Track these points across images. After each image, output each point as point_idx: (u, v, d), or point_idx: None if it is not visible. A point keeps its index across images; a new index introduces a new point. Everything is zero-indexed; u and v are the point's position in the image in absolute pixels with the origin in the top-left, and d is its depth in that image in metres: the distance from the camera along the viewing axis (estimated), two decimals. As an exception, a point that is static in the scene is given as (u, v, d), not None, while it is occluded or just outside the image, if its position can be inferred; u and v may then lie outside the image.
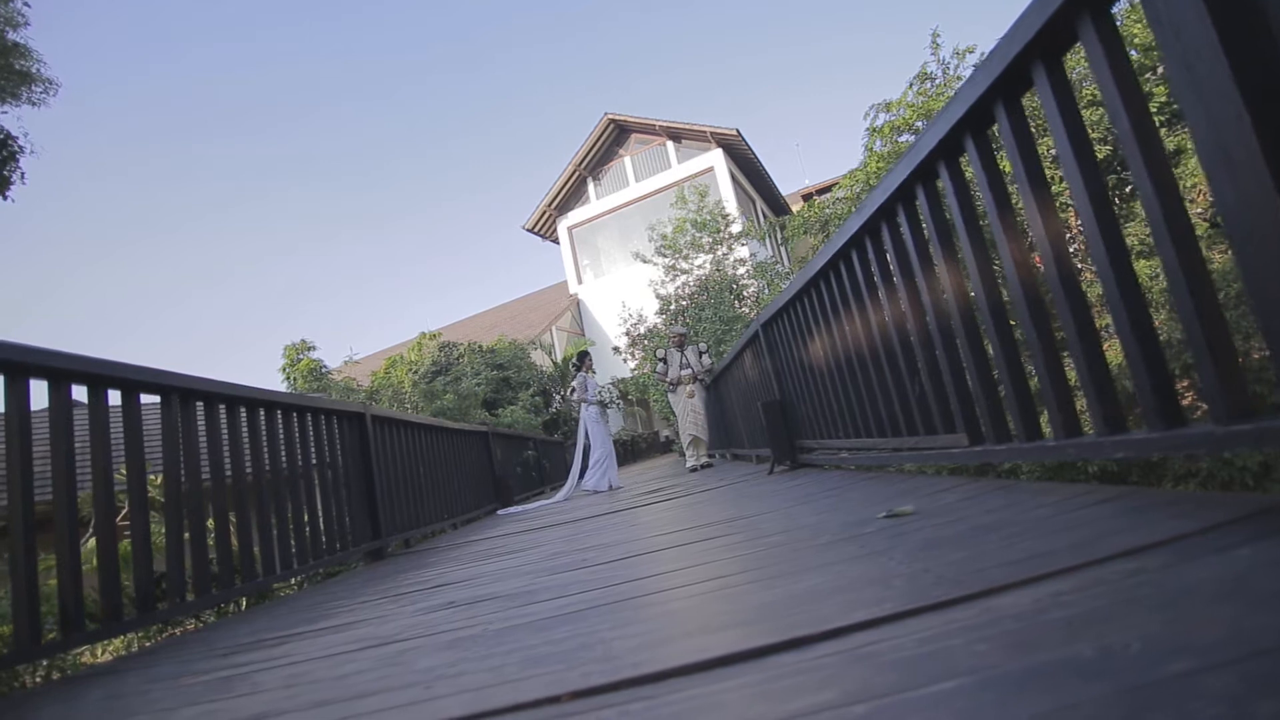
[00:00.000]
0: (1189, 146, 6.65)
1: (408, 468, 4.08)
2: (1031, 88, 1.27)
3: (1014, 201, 1.43)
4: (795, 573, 1.13)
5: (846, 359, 2.44)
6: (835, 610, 0.86)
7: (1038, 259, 1.31)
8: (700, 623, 0.99)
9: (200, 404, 2.37)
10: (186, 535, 2.17)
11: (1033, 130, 1.34)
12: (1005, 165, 1.44)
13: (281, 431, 2.81)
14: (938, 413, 1.83)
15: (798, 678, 0.68)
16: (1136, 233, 6.34)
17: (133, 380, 2.04)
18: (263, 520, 2.58)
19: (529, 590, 1.63)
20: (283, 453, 2.81)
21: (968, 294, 1.61)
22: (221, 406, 2.48)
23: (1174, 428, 1.04)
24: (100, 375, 1.93)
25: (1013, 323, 1.50)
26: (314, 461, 3.04)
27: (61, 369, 1.81)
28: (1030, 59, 1.19)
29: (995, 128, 1.42)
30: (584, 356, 6.22)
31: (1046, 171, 1.37)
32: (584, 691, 0.78)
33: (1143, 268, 6.06)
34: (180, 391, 2.24)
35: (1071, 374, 1.35)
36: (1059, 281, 1.22)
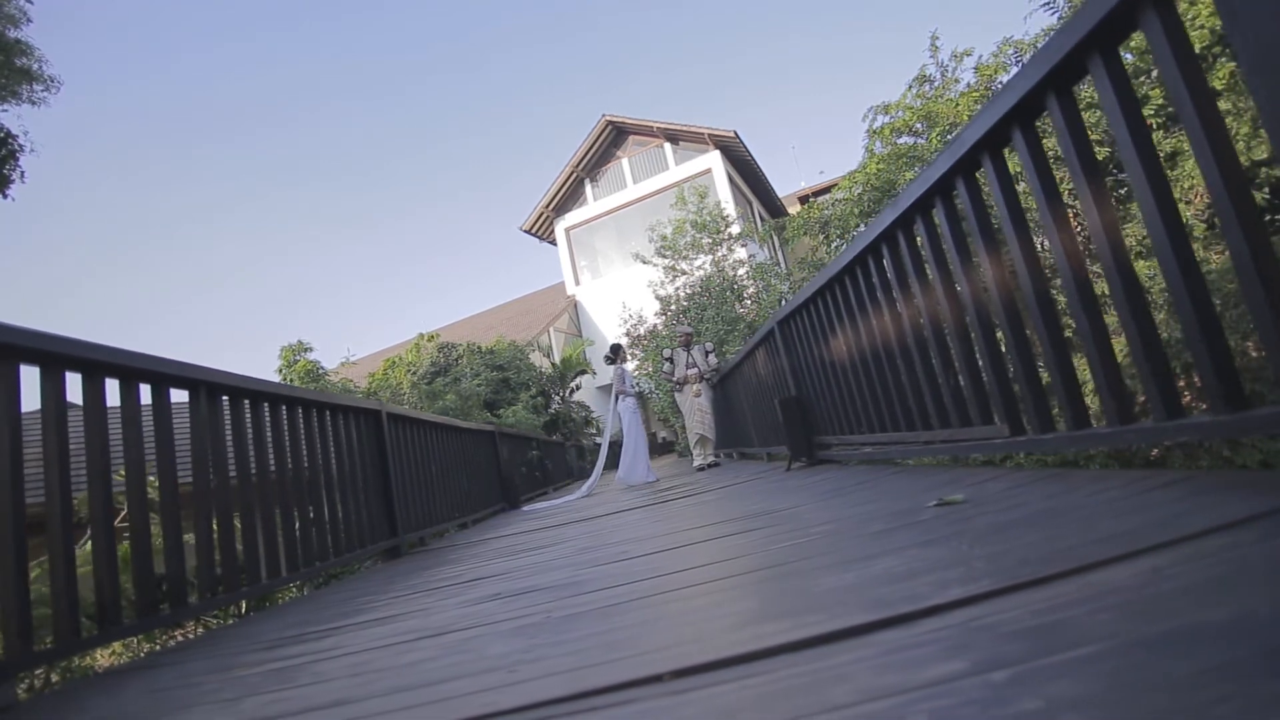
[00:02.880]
0: (1185, 149, 6.74)
1: (421, 466, 4.06)
2: (1083, 78, 1.29)
3: (1061, 192, 1.45)
4: (863, 558, 1.14)
5: (873, 354, 2.46)
6: (926, 589, 0.87)
7: (1089, 247, 1.32)
8: (781, 605, 0.99)
9: (226, 399, 2.36)
10: (214, 531, 2.15)
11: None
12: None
13: (303, 428, 2.80)
14: (974, 404, 1.84)
15: (916, 650, 0.68)
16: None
17: (164, 374, 2.02)
18: (286, 516, 2.56)
19: (575, 581, 1.63)
20: (304, 449, 2.79)
21: (1010, 285, 1.62)
22: (246, 402, 2.46)
23: (1240, 410, 1.05)
24: (132, 368, 1.91)
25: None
26: (333, 458, 3.02)
27: (96, 361, 1.80)
28: (1088, 49, 1.20)
29: (1036, 121, 1.44)
30: (618, 349, 6.15)
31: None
32: (686, 670, 0.78)
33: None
34: (208, 386, 2.22)
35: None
36: (1115, 268, 1.24)
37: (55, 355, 1.68)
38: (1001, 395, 1.70)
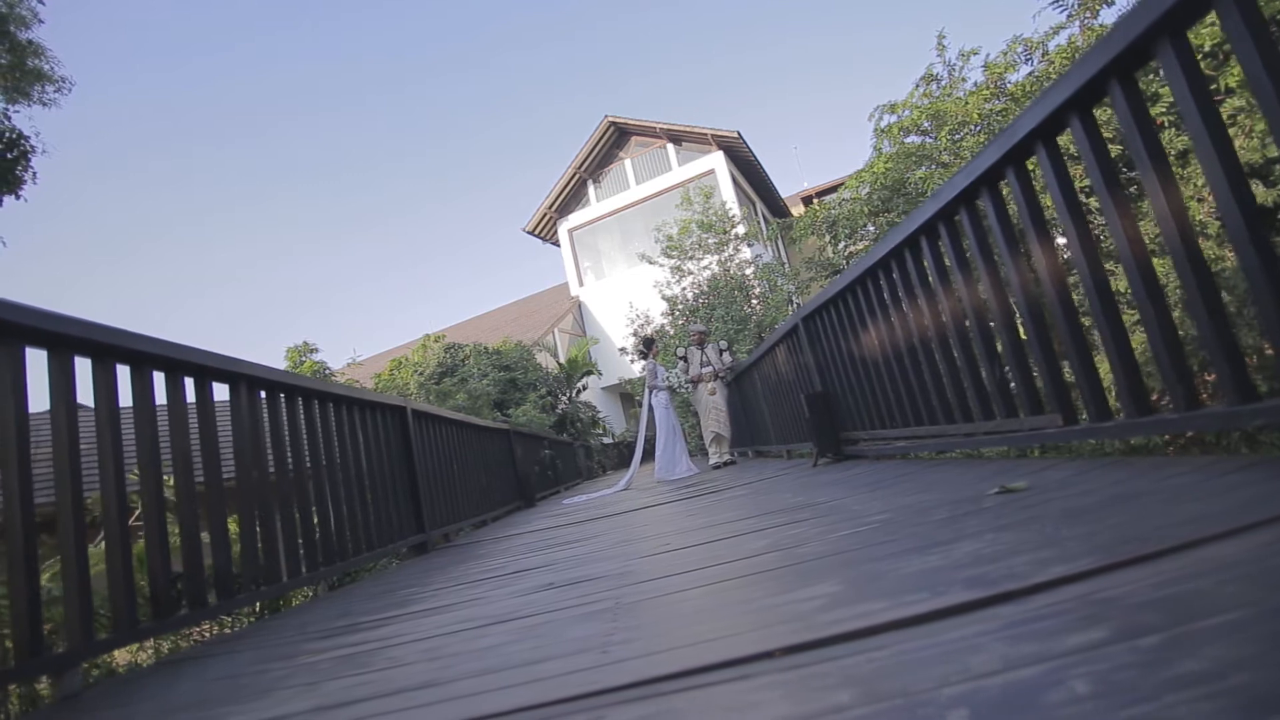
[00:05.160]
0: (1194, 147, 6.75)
1: (444, 463, 4.07)
2: (1147, 64, 1.30)
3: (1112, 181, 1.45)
4: (940, 543, 1.14)
5: (908, 347, 2.46)
6: (1025, 568, 0.87)
7: (1153, 233, 1.32)
8: (869, 588, 0.98)
9: (263, 393, 2.36)
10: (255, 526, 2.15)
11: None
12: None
13: (334, 423, 2.80)
14: (1023, 395, 1.85)
15: (1043, 622, 0.68)
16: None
17: (207, 367, 2.02)
18: (322, 510, 2.56)
19: (628, 571, 1.63)
20: (335, 444, 2.79)
21: (1063, 275, 1.62)
22: (282, 397, 2.46)
23: (1321, 392, 1.05)
24: (178, 360, 1.92)
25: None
26: (362, 453, 3.02)
27: (143, 352, 1.80)
28: (1158, 34, 1.20)
29: (1095, 108, 1.45)
30: (650, 343, 6.16)
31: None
32: (797, 647, 0.78)
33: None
34: (248, 380, 2.23)
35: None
36: (1184, 254, 1.24)
37: (106, 346, 1.68)
38: (1054, 385, 1.70)
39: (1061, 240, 1.86)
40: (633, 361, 13.54)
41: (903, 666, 0.65)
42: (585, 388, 15.13)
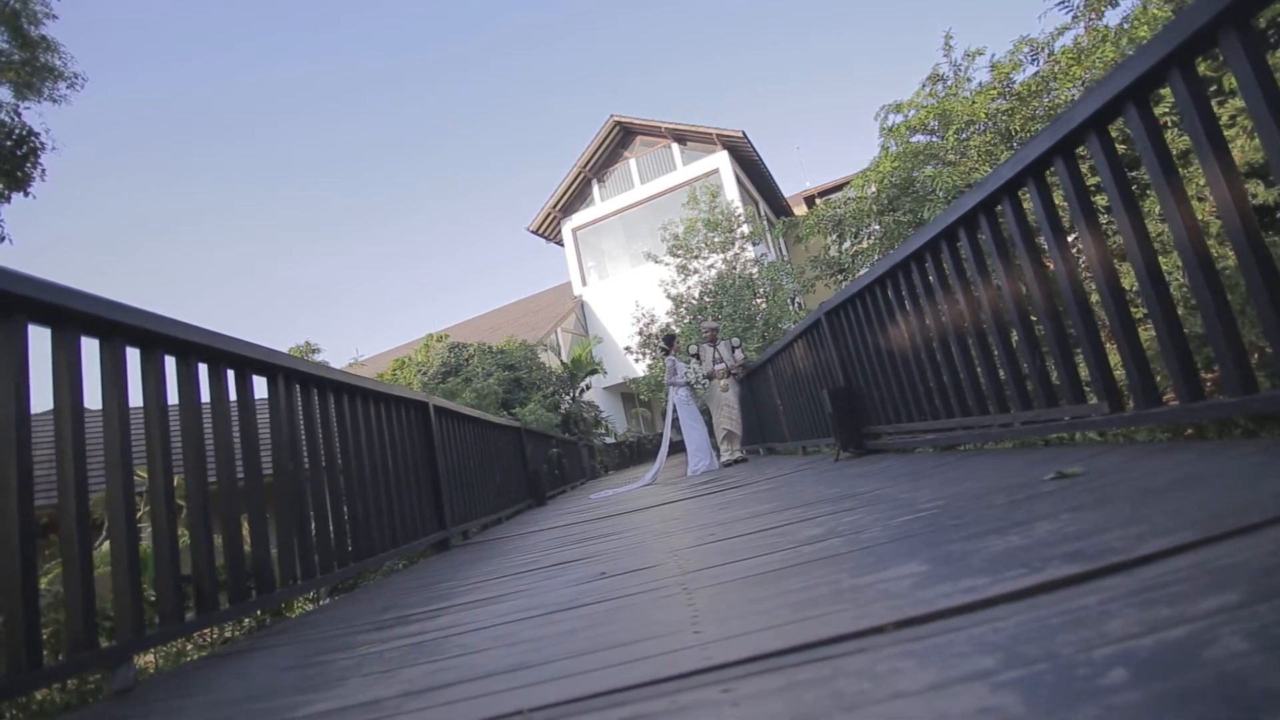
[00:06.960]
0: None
1: (462, 459, 4.06)
2: (1207, 52, 1.31)
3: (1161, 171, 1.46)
4: (1015, 524, 1.14)
5: (940, 339, 2.47)
6: (1119, 543, 0.88)
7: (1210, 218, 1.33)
8: (958, 566, 0.98)
9: (298, 387, 2.36)
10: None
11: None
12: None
13: (361, 417, 2.80)
14: (1066, 383, 1.86)
15: (1167, 589, 0.69)
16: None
17: (249, 359, 2.02)
18: (352, 505, 2.56)
19: (681, 560, 1.63)
20: (363, 438, 2.79)
21: (1112, 263, 1.63)
22: (315, 390, 2.46)
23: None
24: (221, 351, 1.91)
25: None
26: (388, 448, 3.02)
27: (190, 342, 1.80)
28: (1221, 23, 1.22)
29: (1151, 96, 1.46)
30: (671, 339, 6.20)
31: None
32: (909, 620, 0.79)
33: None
34: (285, 372, 2.22)
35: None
36: (1245, 239, 1.25)
37: (155, 335, 1.68)
38: (1100, 372, 1.71)
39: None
40: (637, 361, 13.55)
41: (1037, 634, 0.66)
42: (589, 387, 15.13)
